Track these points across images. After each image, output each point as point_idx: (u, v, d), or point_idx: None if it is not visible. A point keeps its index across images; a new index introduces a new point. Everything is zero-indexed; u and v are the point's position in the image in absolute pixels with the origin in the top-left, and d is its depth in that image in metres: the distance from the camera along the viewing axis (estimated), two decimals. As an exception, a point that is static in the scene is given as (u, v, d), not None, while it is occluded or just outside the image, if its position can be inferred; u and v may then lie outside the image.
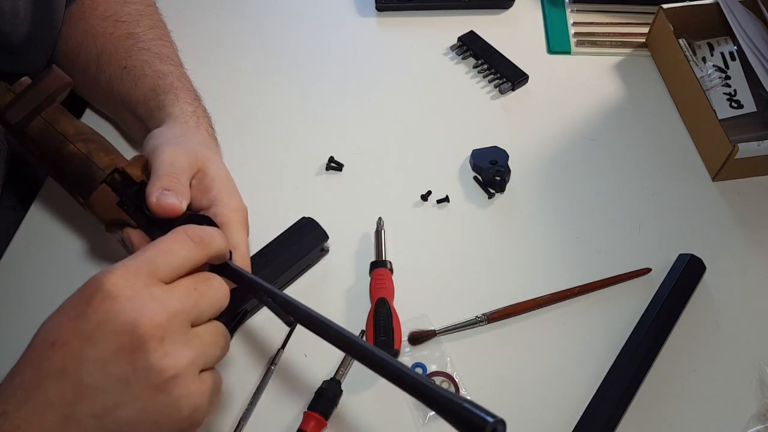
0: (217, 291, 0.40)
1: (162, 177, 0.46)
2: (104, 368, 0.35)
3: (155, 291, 0.37)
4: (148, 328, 0.35)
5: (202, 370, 0.38)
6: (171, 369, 0.36)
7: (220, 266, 0.43)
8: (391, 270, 0.65)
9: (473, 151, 0.75)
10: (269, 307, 0.42)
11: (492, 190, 0.73)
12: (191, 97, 0.61)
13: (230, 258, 0.45)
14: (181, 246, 0.39)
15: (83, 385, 0.35)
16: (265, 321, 0.63)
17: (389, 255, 0.67)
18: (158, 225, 0.47)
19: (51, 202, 0.71)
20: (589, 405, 0.58)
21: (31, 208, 0.70)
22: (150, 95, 0.60)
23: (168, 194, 0.45)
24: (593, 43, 0.88)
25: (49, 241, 0.68)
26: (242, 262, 0.47)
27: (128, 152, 0.75)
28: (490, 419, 0.32)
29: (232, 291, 0.45)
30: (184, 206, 0.46)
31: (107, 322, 0.36)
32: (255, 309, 0.63)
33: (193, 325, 0.38)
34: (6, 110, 0.47)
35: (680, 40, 0.80)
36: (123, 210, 0.49)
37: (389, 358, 0.37)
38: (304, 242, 0.64)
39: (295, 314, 0.41)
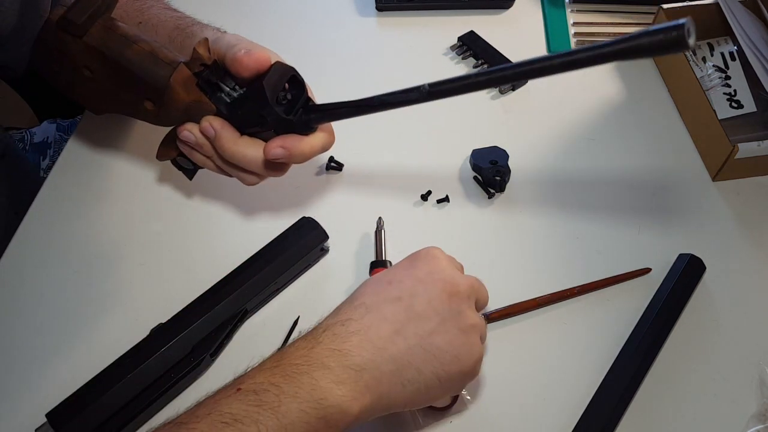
0: (486, 293, 0.52)
1: (238, 43, 0.50)
2: (430, 302, 0.46)
3: (461, 273, 0.51)
4: (463, 285, 0.48)
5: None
6: (472, 319, 0.47)
7: (320, 110, 0.51)
8: (391, 270, 0.65)
9: (473, 151, 0.75)
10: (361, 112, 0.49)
11: (492, 190, 0.73)
12: (214, 27, 0.62)
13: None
14: (471, 281, 0.50)
15: (413, 311, 0.46)
16: (265, 321, 0.63)
17: (389, 255, 0.67)
18: (244, 96, 0.49)
19: (50, 203, 0.71)
20: (589, 405, 0.58)
21: (29, 211, 0.70)
22: (175, 33, 0.60)
23: (254, 49, 0.49)
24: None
25: (48, 243, 0.68)
26: (328, 132, 0.57)
27: (142, 142, 0.75)
28: (681, 21, 0.33)
29: (234, 292, 0.46)
30: (273, 58, 0.49)
31: (436, 271, 0.48)
32: (255, 309, 0.63)
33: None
34: (69, 12, 0.48)
35: (680, 40, 0.80)
36: (203, 91, 0.50)
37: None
38: (304, 242, 0.64)
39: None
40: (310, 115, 0.50)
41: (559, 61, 0.39)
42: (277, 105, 0.49)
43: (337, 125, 0.79)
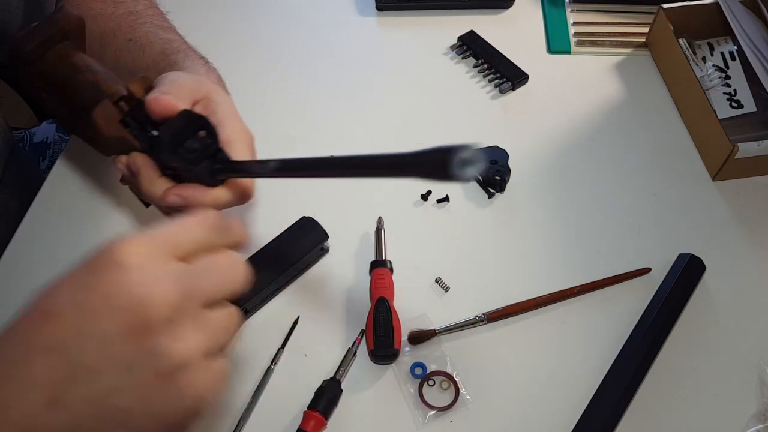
0: (236, 270, 0.37)
1: (163, 84, 0.48)
2: (105, 348, 0.31)
3: (171, 267, 0.34)
4: (160, 307, 0.32)
5: (210, 357, 0.35)
6: (179, 356, 0.32)
7: (226, 163, 0.45)
8: (391, 269, 0.65)
9: (473, 150, 0.75)
10: (261, 175, 0.44)
11: (492, 190, 0.73)
12: (200, 56, 0.62)
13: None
14: (202, 229, 0.36)
15: (79, 365, 0.31)
16: (265, 321, 0.63)
17: (389, 255, 0.67)
18: (158, 141, 0.48)
19: (53, 198, 0.71)
20: (589, 405, 0.58)
21: (29, 210, 0.70)
22: (159, 58, 0.60)
23: (165, 95, 0.46)
24: (593, 43, 0.88)
25: (52, 238, 0.68)
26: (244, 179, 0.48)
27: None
28: (451, 147, 0.30)
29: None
30: (180, 106, 0.46)
31: (115, 295, 0.32)
32: (255, 308, 0.63)
33: (206, 307, 0.35)
34: (21, 40, 0.49)
35: (680, 40, 0.80)
36: (126, 130, 0.49)
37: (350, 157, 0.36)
38: (304, 242, 0.64)
39: (292, 166, 0.42)
40: (214, 167, 0.48)
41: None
42: (182, 153, 0.48)
43: (339, 123, 0.79)
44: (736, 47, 0.82)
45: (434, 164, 0.30)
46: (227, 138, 0.48)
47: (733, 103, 0.80)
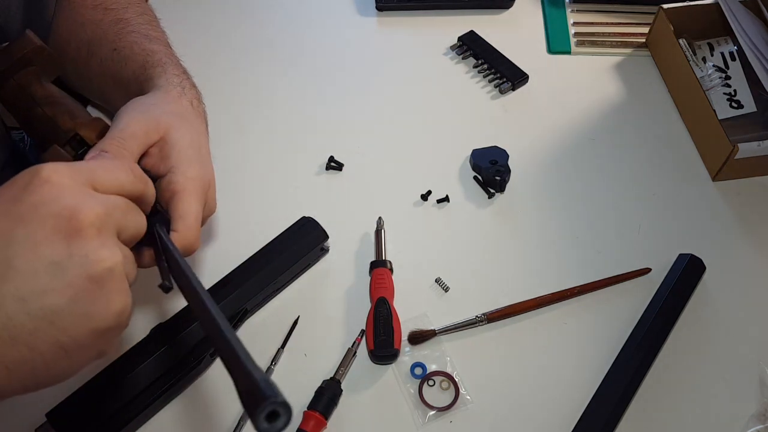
0: (140, 216, 0.40)
1: (106, 139, 0.46)
2: (35, 249, 0.33)
3: (92, 191, 0.37)
4: (88, 216, 0.34)
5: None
6: (107, 260, 0.35)
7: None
8: (391, 270, 0.65)
9: (473, 151, 0.75)
10: (159, 268, 0.42)
11: (492, 190, 0.73)
12: (179, 71, 0.61)
13: (169, 225, 0.45)
14: (122, 170, 0.40)
15: (9, 267, 0.33)
16: (265, 320, 0.63)
17: (389, 255, 0.67)
18: None
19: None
20: (589, 405, 0.58)
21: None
22: (139, 71, 0.60)
23: (104, 155, 0.44)
24: (593, 43, 0.88)
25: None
26: (186, 233, 0.46)
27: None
28: (271, 395, 0.29)
29: (234, 291, 0.43)
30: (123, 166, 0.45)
31: (44, 204, 0.34)
32: (255, 308, 0.63)
33: (119, 238, 0.38)
34: None
35: (680, 40, 0.80)
36: None
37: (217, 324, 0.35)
38: (304, 242, 0.64)
39: (178, 281, 0.40)
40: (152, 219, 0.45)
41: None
42: None
43: (339, 122, 0.79)
44: (736, 47, 0.82)
45: (247, 403, 0.30)
46: (175, 186, 0.47)
47: (733, 104, 0.80)
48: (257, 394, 0.29)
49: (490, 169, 0.72)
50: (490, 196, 0.73)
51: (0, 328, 0.33)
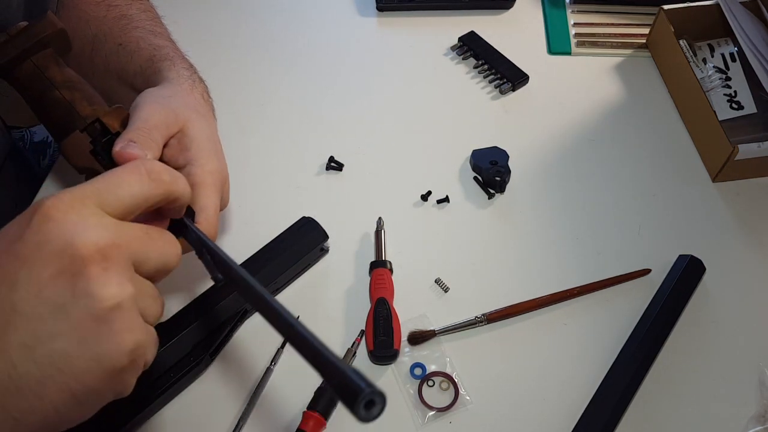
0: (168, 245, 0.37)
1: (131, 130, 0.45)
2: (39, 293, 0.32)
3: (101, 219, 0.34)
4: (90, 251, 0.32)
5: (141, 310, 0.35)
6: (113, 297, 0.32)
7: (176, 223, 0.41)
8: (391, 270, 0.65)
9: (473, 151, 0.75)
10: (206, 266, 0.41)
11: (492, 191, 0.73)
12: (187, 65, 0.61)
13: (193, 219, 0.44)
14: (134, 179, 0.36)
15: (14, 312, 0.32)
16: (265, 321, 0.63)
17: (389, 255, 0.67)
18: None
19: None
20: (589, 405, 0.57)
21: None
22: (146, 65, 0.60)
23: (133, 145, 0.44)
24: (594, 44, 0.88)
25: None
26: (207, 226, 0.46)
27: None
28: (366, 387, 0.32)
29: (230, 294, 0.43)
30: (148, 156, 0.45)
31: (46, 243, 0.32)
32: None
33: (137, 271, 0.35)
34: None
35: (681, 41, 0.80)
36: (96, 159, 0.48)
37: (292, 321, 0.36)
38: (304, 242, 0.64)
39: (228, 275, 0.40)
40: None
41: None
42: None
43: (339, 122, 0.79)
44: (736, 48, 0.82)
45: (344, 396, 0.33)
46: (195, 179, 0.47)
47: (734, 105, 0.80)
48: (353, 387, 0.32)
49: (490, 170, 0.72)
50: (490, 196, 0.73)
51: (5, 377, 0.31)
